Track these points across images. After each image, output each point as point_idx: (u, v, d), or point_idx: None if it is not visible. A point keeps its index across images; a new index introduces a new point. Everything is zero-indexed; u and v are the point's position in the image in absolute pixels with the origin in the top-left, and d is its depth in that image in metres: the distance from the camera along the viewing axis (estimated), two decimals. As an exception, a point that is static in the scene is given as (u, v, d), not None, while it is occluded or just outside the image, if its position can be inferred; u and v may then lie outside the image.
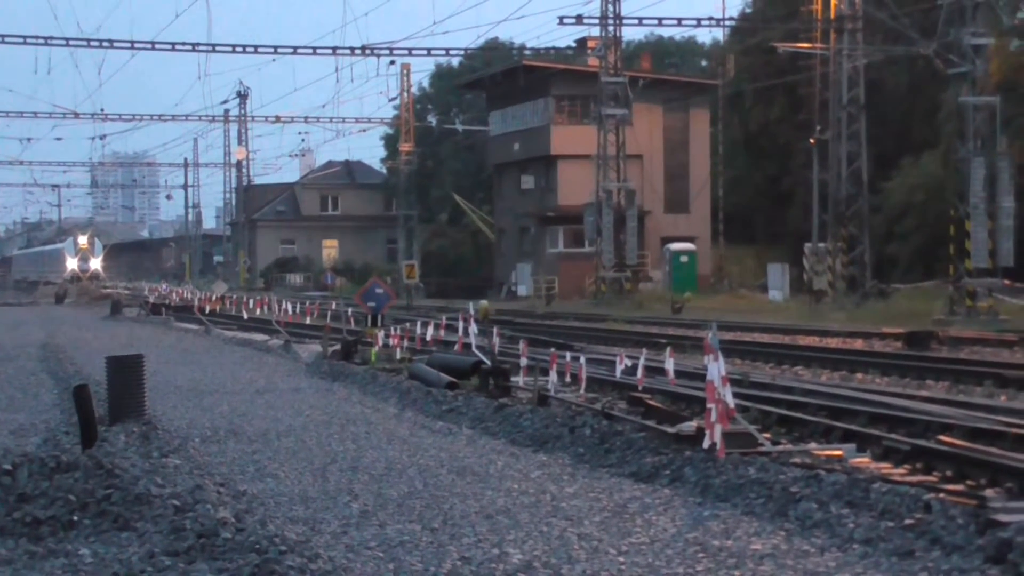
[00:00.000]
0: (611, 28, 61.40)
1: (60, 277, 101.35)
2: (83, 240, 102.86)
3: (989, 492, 11.46)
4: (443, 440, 16.02)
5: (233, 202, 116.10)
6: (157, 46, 64.28)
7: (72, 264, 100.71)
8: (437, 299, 70.97)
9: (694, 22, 64.53)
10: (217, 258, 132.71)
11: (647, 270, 67.69)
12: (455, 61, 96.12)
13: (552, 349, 22.37)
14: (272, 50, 66.36)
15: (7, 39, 61.61)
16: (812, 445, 14.28)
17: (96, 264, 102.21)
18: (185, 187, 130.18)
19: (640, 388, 18.13)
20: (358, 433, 16.81)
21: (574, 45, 76.69)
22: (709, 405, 12.72)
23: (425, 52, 68.05)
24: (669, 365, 18.64)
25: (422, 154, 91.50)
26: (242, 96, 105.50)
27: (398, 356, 26.33)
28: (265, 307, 51.92)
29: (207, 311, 55.04)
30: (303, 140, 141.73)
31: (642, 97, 65.77)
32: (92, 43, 62.65)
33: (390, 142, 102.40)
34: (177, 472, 13.08)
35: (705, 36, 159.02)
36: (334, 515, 11.33)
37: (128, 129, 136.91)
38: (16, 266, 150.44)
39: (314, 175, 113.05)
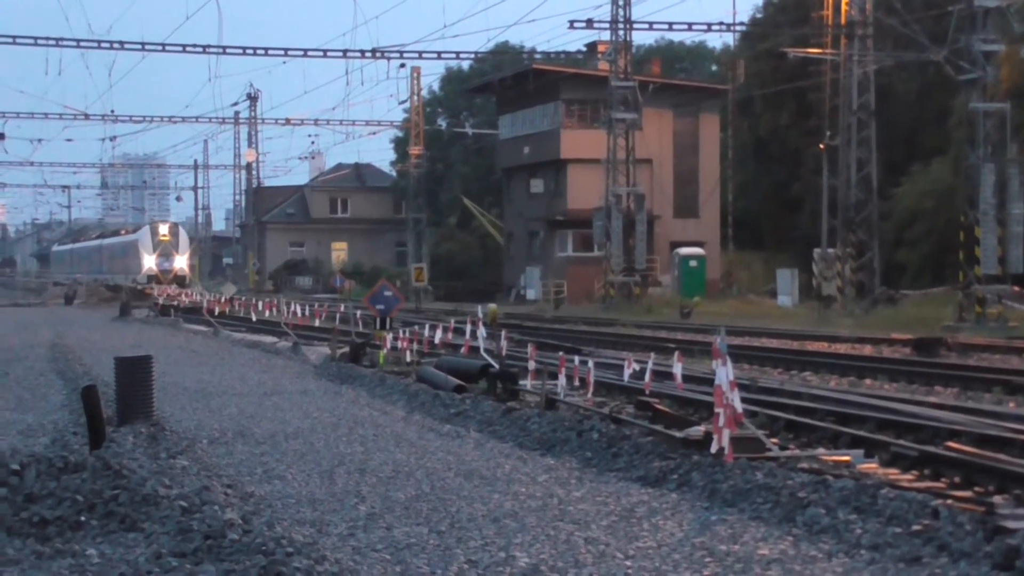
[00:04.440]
0: (621, 32, 61.41)
1: (131, 278, 79.73)
2: (164, 230, 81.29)
3: (997, 499, 11.43)
4: (451, 443, 16.02)
5: (243, 204, 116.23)
6: (168, 48, 64.38)
7: (150, 262, 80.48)
8: (445, 302, 70.93)
9: (704, 27, 64.08)
10: (226, 260, 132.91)
11: (656, 275, 67.63)
12: (465, 64, 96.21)
13: (560, 353, 22.34)
14: (283, 52, 66.39)
15: (18, 40, 61.77)
16: (820, 450, 14.27)
17: (182, 262, 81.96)
18: (195, 189, 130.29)
19: (648, 392, 18.11)
20: (366, 435, 16.81)
21: (584, 49, 76.77)
22: (717, 410, 12.71)
23: (435, 55, 67.84)
24: (677, 369, 18.63)
25: (432, 157, 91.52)
26: (252, 98, 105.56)
27: (406, 359, 26.34)
28: (274, 309, 51.94)
29: (216, 313, 55.08)
30: (313, 143, 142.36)
31: (652, 101, 65.75)
32: (103, 44, 62.76)
33: (400, 145, 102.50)
34: (185, 473, 13.08)
35: (715, 41, 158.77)
36: (341, 517, 11.34)
37: (138, 130, 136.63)
38: (56, 265, 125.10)
39: (324, 178, 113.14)
